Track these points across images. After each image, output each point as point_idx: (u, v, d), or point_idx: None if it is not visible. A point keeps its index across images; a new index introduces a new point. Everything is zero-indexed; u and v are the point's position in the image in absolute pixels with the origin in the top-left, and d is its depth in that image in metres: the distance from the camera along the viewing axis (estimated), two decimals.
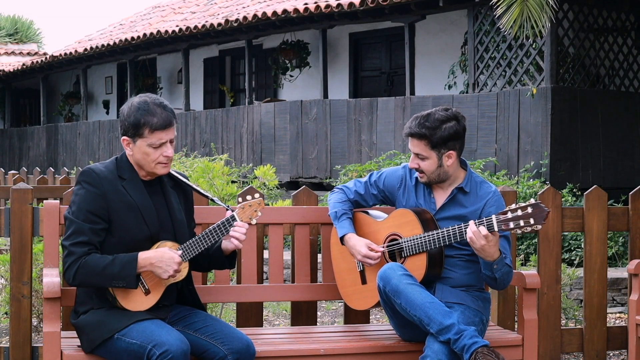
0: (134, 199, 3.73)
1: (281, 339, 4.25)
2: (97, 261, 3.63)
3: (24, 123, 22.77)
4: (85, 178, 3.73)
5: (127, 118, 3.73)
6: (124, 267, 3.63)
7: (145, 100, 3.74)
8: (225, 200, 6.17)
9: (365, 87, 14.48)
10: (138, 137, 3.72)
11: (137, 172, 3.80)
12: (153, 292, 3.74)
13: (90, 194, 3.69)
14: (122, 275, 3.62)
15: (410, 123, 4.11)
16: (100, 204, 3.68)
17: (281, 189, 11.99)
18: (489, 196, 4.12)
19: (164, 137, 3.72)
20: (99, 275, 3.63)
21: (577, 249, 8.40)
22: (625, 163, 10.79)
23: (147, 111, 3.70)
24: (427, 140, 4.05)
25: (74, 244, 3.66)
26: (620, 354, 5.86)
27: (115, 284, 3.64)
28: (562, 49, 10.35)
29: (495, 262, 3.90)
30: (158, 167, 3.76)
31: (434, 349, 3.81)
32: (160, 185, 3.85)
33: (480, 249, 3.85)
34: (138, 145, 3.73)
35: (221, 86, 17.08)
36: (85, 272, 3.63)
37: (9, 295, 4.76)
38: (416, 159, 4.12)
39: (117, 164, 3.80)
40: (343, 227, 4.23)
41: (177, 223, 3.82)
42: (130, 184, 3.76)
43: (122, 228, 3.70)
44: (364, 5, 11.67)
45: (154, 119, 3.70)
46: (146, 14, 20.84)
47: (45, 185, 10.17)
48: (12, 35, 25.41)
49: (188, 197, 3.96)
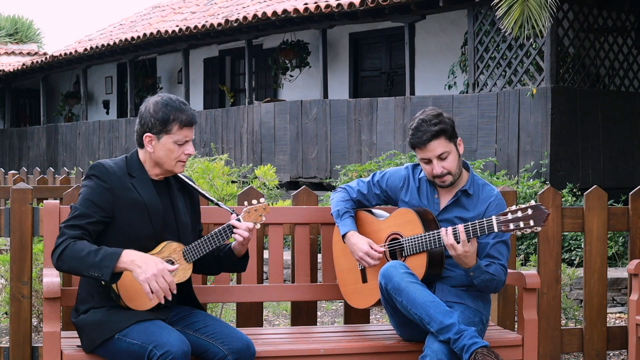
0: (142, 196, 3.74)
1: (281, 339, 4.25)
2: (84, 247, 3.61)
3: (24, 123, 22.77)
4: (95, 172, 3.74)
5: (155, 114, 3.73)
6: (105, 257, 3.58)
7: (170, 97, 3.79)
8: (225, 200, 6.17)
9: (365, 87, 14.48)
10: (165, 133, 3.73)
11: (148, 171, 3.81)
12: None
13: (97, 186, 3.71)
14: (100, 265, 3.56)
15: (424, 130, 4.05)
16: (105, 197, 3.69)
17: (281, 189, 12.00)
18: (491, 199, 4.13)
19: (189, 135, 3.77)
20: (79, 260, 3.58)
21: (577, 249, 8.40)
22: (625, 163, 10.79)
23: (175, 108, 3.74)
24: (445, 134, 4.08)
25: (68, 226, 3.67)
26: (620, 354, 5.86)
27: (92, 272, 3.58)
28: (562, 49, 10.35)
29: (472, 270, 3.94)
30: (178, 166, 3.79)
31: (433, 349, 3.81)
32: (167, 187, 3.86)
33: (455, 257, 3.92)
34: (163, 142, 3.74)
35: (221, 86, 17.08)
36: (69, 255, 3.60)
37: (9, 295, 4.76)
38: (440, 162, 4.08)
39: (127, 162, 3.81)
40: (345, 225, 4.23)
41: (182, 225, 3.83)
42: (139, 182, 3.77)
43: (126, 224, 3.71)
44: (364, 5, 11.67)
45: (183, 115, 3.73)
46: (146, 14, 20.83)
47: (45, 185, 10.18)
48: (12, 35, 25.41)
49: (194, 200, 3.97)
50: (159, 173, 3.82)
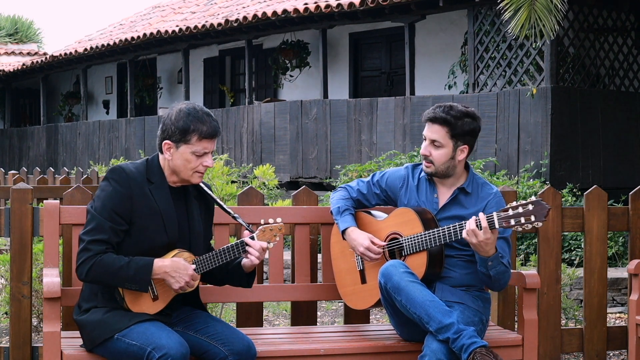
0: (159, 204, 3.72)
1: (281, 339, 4.24)
2: (113, 261, 3.63)
3: (24, 123, 22.76)
4: (115, 176, 3.71)
5: (176, 122, 3.70)
6: (139, 271, 3.63)
7: (194, 107, 3.74)
8: (225, 200, 6.17)
9: (365, 87, 14.48)
10: (183, 142, 3.70)
11: (167, 177, 3.78)
12: (161, 298, 3.74)
13: (117, 193, 3.68)
14: (135, 279, 3.62)
15: (434, 109, 4.12)
16: (125, 205, 3.67)
17: (281, 189, 12.00)
18: (490, 197, 4.13)
19: (208, 147, 3.72)
20: (113, 275, 3.63)
21: (577, 249, 8.40)
22: (625, 163, 10.79)
23: (197, 118, 3.70)
24: (449, 128, 4.07)
25: (93, 241, 3.65)
26: (620, 354, 5.86)
27: (128, 285, 3.64)
28: (562, 49, 10.35)
29: (490, 259, 3.91)
30: (195, 176, 3.76)
31: (432, 348, 3.81)
32: (184, 194, 3.84)
33: (477, 244, 3.86)
34: (181, 151, 3.71)
35: (221, 86, 17.08)
36: (99, 271, 3.63)
37: (9, 295, 4.76)
38: (430, 146, 4.12)
39: (148, 167, 3.78)
40: (345, 222, 4.22)
41: (195, 234, 3.82)
42: (157, 189, 3.74)
43: (141, 232, 3.70)
44: (364, 5, 11.67)
45: (203, 127, 3.69)
46: (146, 14, 20.83)
47: (45, 185, 10.17)
48: (12, 35, 25.41)
49: (210, 208, 3.95)
50: (176, 181, 3.80)
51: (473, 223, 3.85)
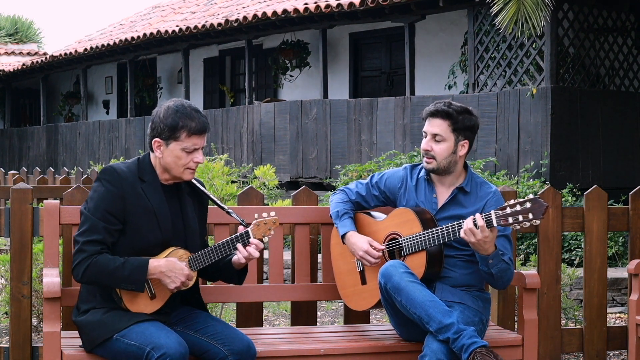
0: (152, 203, 3.72)
1: (281, 339, 4.24)
2: (108, 262, 3.63)
3: (24, 123, 22.76)
4: (107, 176, 3.72)
5: (164, 120, 3.71)
6: (134, 271, 3.63)
7: (182, 104, 3.74)
8: (225, 200, 6.17)
9: (365, 87, 14.48)
10: (173, 140, 3.71)
11: (159, 175, 3.79)
12: (159, 297, 3.74)
13: (109, 193, 3.68)
14: (131, 279, 3.63)
15: (434, 104, 4.15)
16: (118, 205, 3.68)
17: (281, 189, 12.00)
18: (489, 196, 4.13)
19: (198, 143, 3.73)
20: (108, 276, 3.63)
21: (577, 249, 8.40)
22: (625, 163, 10.79)
23: (185, 115, 3.70)
24: (451, 121, 4.09)
25: (87, 242, 3.66)
26: (620, 354, 5.86)
27: (124, 286, 3.65)
28: (562, 49, 10.35)
29: (491, 257, 3.91)
30: (186, 173, 3.76)
31: (432, 348, 3.81)
32: (177, 191, 3.84)
33: (475, 243, 3.86)
34: (171, 148, 3.72)
35: (221, 86, 17.08)
36: (95, 271, 3.64)
37: (9, 295, 4.76)
38: (431, 141, 4.12)
39: (139, 165, 3.79)
40: (344, 226, 4.23)
41: (190, 231, 3.82)
42: (149, 187, 3.74)
43: (135, 231, 3.70)
44: (364, 5, 11.67)
45: (192, 123, 3.70)
46: (146, 14, 20.83)
47: (45, 185, 10.18)
48: (12, 35, 25.41)
49: (203, 205, 3.95)
50: (168, 178, 3.80)
51: (470, 222, 3.85)
